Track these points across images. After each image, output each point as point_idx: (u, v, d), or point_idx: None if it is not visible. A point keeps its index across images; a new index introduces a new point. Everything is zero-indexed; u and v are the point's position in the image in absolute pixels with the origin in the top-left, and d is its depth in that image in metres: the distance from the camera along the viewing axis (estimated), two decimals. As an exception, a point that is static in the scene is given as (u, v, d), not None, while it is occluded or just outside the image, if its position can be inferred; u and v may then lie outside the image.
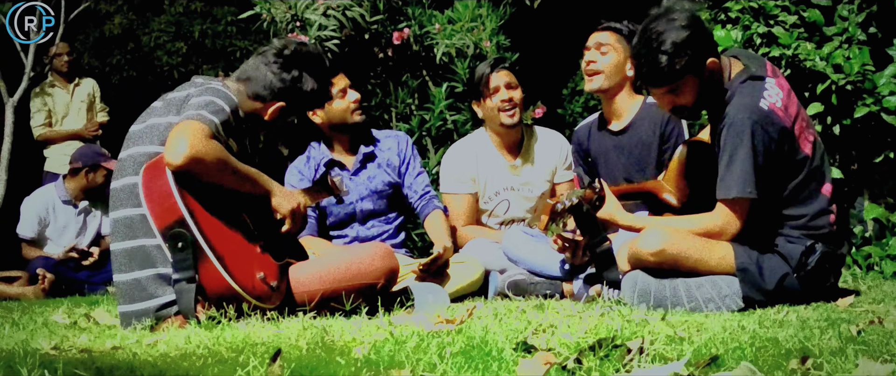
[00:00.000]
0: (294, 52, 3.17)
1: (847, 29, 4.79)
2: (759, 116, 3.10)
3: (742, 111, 3.12)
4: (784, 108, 3.16)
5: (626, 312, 2.71)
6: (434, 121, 5.76)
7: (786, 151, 3.15)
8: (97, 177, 6.12)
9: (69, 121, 7.02)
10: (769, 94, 3.15)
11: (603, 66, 4.13)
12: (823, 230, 3.20)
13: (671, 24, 3.17)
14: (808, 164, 3.20)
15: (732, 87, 3.21)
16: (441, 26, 5.78)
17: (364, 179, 4.42)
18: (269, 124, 3.19)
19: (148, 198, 2.71)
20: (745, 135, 3.08)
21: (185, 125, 2.74)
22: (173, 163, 2.68)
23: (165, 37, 10.86)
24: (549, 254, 3.98)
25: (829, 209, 3.23)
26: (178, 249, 2.67)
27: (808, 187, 3.21)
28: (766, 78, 3.21)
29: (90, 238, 6.23)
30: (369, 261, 3.14)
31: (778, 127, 3.12)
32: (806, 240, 3.17)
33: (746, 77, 3.22)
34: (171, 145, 2.70)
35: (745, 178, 3.08)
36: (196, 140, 2.69)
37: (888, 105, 4.61)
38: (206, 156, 2.71)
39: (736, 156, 3.10)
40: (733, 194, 3.11)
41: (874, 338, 2.20)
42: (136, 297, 2.83)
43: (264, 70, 3.14)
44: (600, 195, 3.46)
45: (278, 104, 3.14)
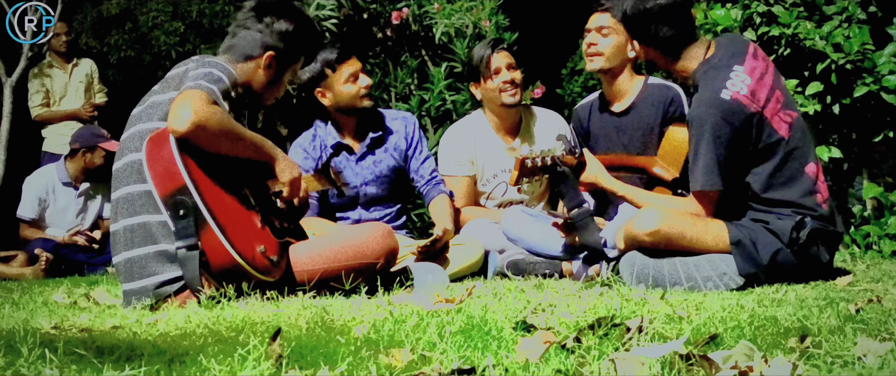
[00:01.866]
0: (262, 3, 3.20)
1: (847, 8, 4.78)
2: (718, 107, 3.14)
3: (701, 105, 3.17)
4: (751, 94, 3.17)
5: (624, 291, 2.72)
6: (433, 101, 5.75)
7: (754, 136, 3.17)
8: (95, 157, 6.12)
9: (67, 102, 7.01)
10: (732, 83, 3.17)
11: (604, 48, 4.12)
12: (811, 211, 3.20)
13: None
14: (784, 145, 3.20)
15: (696, 77, 3.28)
16: (440, 6, 5.76)
17: (369, 164, 4.41)
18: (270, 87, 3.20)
19: (151, 167, 2.72)
20: (706, 129, 3.13)
21: (187, 93, 2.74)
22: (178, 129, 2.68)
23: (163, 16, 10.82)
24: (549, 233, 3.98)
25: (814, 189, 3.23)
26: (180, 217, 2.68)
27: (790, 168, 3.22)
28: (733, 66, 3.21)
29: (90, 220, 6.24)
30: (369, 240, 3.14)
31: (742, 116, 3.14)
32: (795, 216, 3.18)
33: (709, 67, 3.26)
34: (174, 113, 2.70)
35: (709, 172, 3.14)
36: (199, 106, 2.69)
37: (888, 84, 4.60)
38: (209, 121, 2.70)
39: (699, 150, 3.16)
40: (697, 187, 3.19)
41: (872, 317, 2.20)
42: (137, 275, 2.83)
43: (243, 31, 3.17)
44: (581, 161, 3.45)
45: (268, 53, 3.15)
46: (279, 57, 3.18)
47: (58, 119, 6.91)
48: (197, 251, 2.69)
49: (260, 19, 3.18)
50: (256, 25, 3.17)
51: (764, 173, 3.20)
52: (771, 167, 3.20)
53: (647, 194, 3.43)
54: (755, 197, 3.22)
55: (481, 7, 5.71)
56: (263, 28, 3.16)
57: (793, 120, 3.27)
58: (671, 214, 3.23)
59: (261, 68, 3.16)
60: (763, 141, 3.18)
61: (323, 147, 4.38)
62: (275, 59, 3.17)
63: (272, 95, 3.29)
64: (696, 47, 3.34)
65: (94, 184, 6.25)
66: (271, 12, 3.19)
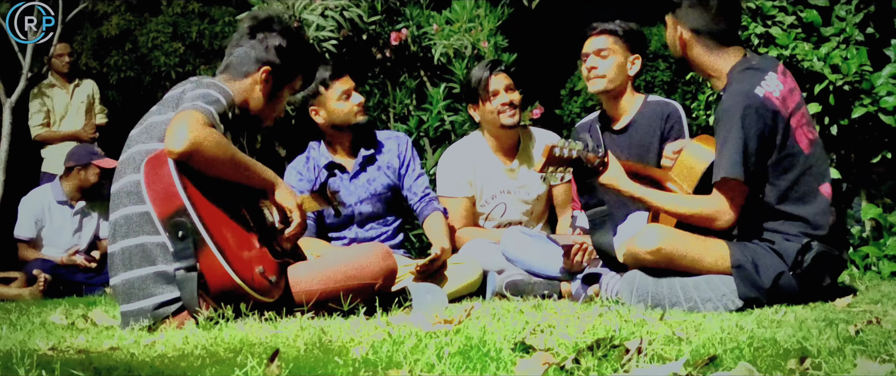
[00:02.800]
0: (256, 21, 3.23)
1: (844, 29, 4.79)
2: (751, 100, 3.13)
3: (735, 96, 3.15)
4: (782, 99, 3.18)
5: (624, 312, 2.71)
6: (432, 121, 5.75)
7: (780, 139, 3.16)
8: (89, 175, 6.12)
9: (68, 122, 7.01)
10: (767, 84, 3.18)
11: (605, 70, 4.15)
12: (821, 230, 3.20)
13: None
14: (804, 160, 3.21)
15: (731, 75, 3.25)
16: (439, 27, 5.78)
17: (363, 182, 4.41)
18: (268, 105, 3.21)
19: (149, 188, 2.71)
20: (737, 118, 3.11)
21: (183, 114, 2.75)
22: (174, 150, 2.68)
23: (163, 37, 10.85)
24: (547, 254, 3.98)
25: (828, 210, 3.24)
26: (178, 238, 2.67)
27: (806, 184, 3.21)
28: (769, 71, 3.23)
29: (87, 239, 6.23)
30: (367, 261, 3.14)
31: (771, 111, 3.14)
32: (803, 238, 3.17)
33: (746, 67, 3.25)
34: (171, 134, 2.70)
35: (734, 160, 3.10)
36: (195, 127, 2.70)
37: (885, 105, 4.61)
38: (206, 142, 2.71)
39: (728, 140, 3.13)
40: (722, 174, 3.13)
41: (872, 338, 2.20)
42: (135, 296, 2.82)
43: (239, 49, 3.20)
44: (603, 161, 3.43)
45: (264, 68, 3.16)
46: (275, 72, 3.18)
47: (58, 139, 6.90)
48: (195, 273, 2.68)
49: (254, 36, 3.20)
50: (251, 42, 3.20)
51: (781, 185, 3.19)
52: (789, 180, 3.19)
53: (664, 196, 3.38)
54: (769, 208, 3.20)
55: (480, 28, 5.72)
56: (258, 44, 3.19)
57: (814, 137, 3.29)
58: (673, 233, 3.23)
59: (258, 84, 3.17)
60: (786, 150, 3.18)
61: (317, 168, 4.39)
62: (271, 75, 3.17)
63: (271, 114, 3.29)
64: (735, 49, 3.35)
65: (90, 202, 6.25)
66: (265, 29, 3.21)
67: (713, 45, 3.32)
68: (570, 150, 3.38)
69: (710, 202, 3.21)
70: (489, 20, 5.77)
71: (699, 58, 3.36)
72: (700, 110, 5.29)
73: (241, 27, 3.27)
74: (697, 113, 5.35)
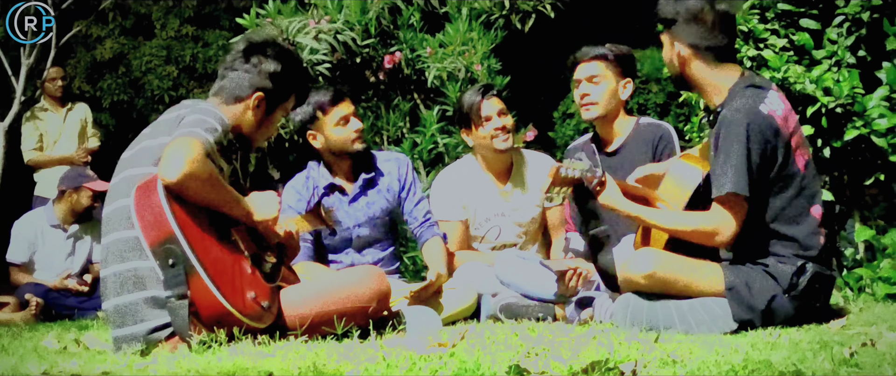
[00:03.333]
0: (250, 45, 3.22)
1: (836, 52, 4.81)
2: (756, 117, 3.13)
3: (739, 111, 3.15)
4: (783, 119, 3.20)
5: (618, 335, 2.71)
6: (425, 144, 5.76)
7: (780, 158, 3.17)
8: (81, 198, 6.10)
9: (61, 146, 6.99)
10: (769, 102, 3.19)
11: (597, 97, 4.16)
12: (813, 251, 3.20)
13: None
14: (800, 180, 3.21)
15: (733, 92, 3.25)
16: (432, 50, 5.79)
17: (362, 205, 4.38)
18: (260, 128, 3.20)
19: (139, 215, 2.70)
20: (740, 133, 3.11)
21: (181, 141, 2.73)
22: (168, 179, 2.67)
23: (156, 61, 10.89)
24: (541, 276, 3.98)
25: (819, 231, 3.24)
26: (169, 266, 2.66)
27: (799, 205, 3.22)
28: (770, 90, 3.24)
29: (80, 263, 6.20)
30: (361, 284, 3.13)
31: (774, 128, 3.15)
32: (797, 260, 3.17)
33: (749, 84, 3.26)
34: (166, 161, 2.69)
35: (739, 175, 3.09)
36: (192, 157, 2.69)
37: (878, 128, 4.62)
38: (201, 173, 2.70)
39: (730, 154, 3.11)
40: (726, 189, 3.11)
41: (867, 361, 2.20)
42: (127, 321, 2.81)
43: (232, 73, 3.18)
44: (601, 180, 3.43)
45: (257, 94, 3.15)
46: (268, 97, 3.18)
47: (51, 164, 6.89)
48: (186, 300, 2.67)
49: (247, 60, 3.18)
50: (244, 66, 3.18)
51: (776, 205, 3.19)
52: (783, 200, 3.20)
53: (663, 214, 3.36)
54: (761, 228, 3.20)
55: (473, 51, 5.73)
56: (251, 68, 3.17)
57: (809, 158, 3.30)
58: (667, 257, 3.23)
59: (250, 109, 3.16)
60: (783, 170, 3.18)
61: (315, 188, 4.37)
62: (264, 100, 3.17)
63: (263, 137, 3.29)
64: (733, 66, 3.35)
65: (82, 226, 6.23)
66: (259, 53, 3.19)
67: (711, 61, 3.32)
68: (574, 170, 3.39)
69: (710, 217, 3.19)
70: (482, 43, 5.79)
71: (697, 74, 3.36)
72: (693, 132, 5.29)
73: (235, 49, 3.26)
74: (691, 135, 5.35)
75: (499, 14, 5.98)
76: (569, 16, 6.29)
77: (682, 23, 3.33)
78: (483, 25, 5.92)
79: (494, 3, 5.96)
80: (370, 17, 5.78)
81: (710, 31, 3.30)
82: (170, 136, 2.85)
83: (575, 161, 3.44)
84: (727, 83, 3.30)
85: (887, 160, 4.68)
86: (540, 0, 5.98)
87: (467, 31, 5.84)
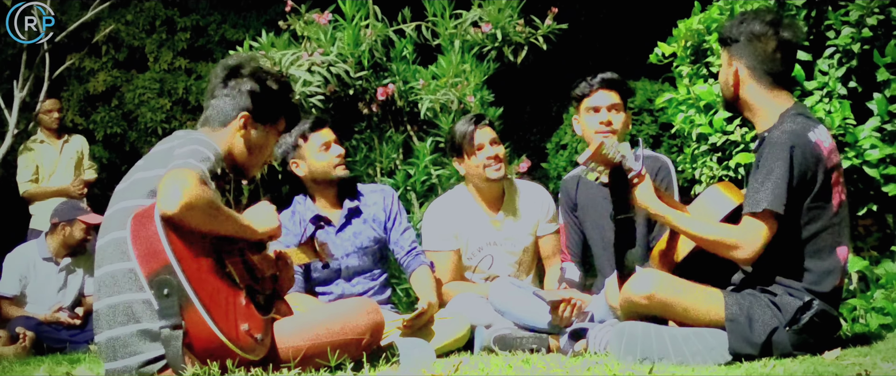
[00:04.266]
0: (227, 70, 3.22)
1: (827, 83, 4.82)
2: (802, 140, 3.14)
3: (786, 133, 3.16)
4: (828, 151, 3.21)
5: (613, 366, 2.70)
6: (419, 175, 5.76)
7: (818, 188, 3.17)
8: (75, 231, 6.09)
9: (57, 178, 6.98)
10: (818, 132, 3.21)
11: (618, 126, 4.18)
12: (825, 288, 3.19)
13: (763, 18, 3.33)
14: (830, 217, 3.21)
15: (784, 117, 3.26)
16: (425, 82, 5.81)
17: (349, 235, 4.40)
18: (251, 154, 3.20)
19: (135, 245, 2.70)
20: (785, 153, 3.11)
21: (175, 173, 2.73)
22: (168, 211, 2.66)
23: (149, 94, 10.91)
24: (536, 305, 3.97)
25: (838, 272, 3.23)
26: (164, 296, 2.65)
27: (825, 241, 3.21)
28: (820, 125, 3.27)
29: (72, 297, 6.18)
30: (354, 316, 3.12)
31: (817, 156, 3.16)
32: (805, 294, 3.16)
33: (800, 112, 3.28)
34: (163, 194, 2.68)
35: (778, 194, 3.08)
36: (189, 187, 2.68)
37: (870, 158, 4.63)
38: (199, 202, 2.70)
39: (772, 173, 3.11)
40: (763, 206, 3.09)
41: (862, 391, 2.19)
42: (120, 354, 2.80)
43: (214, 100, 3.19)
44: (639, 174, 3.41)
45: (242, 115, 3.14)
46: (254, 115, 3.17)
47: (47, 196, 6.86)
48: (181, 331, 2.66)
49: (226, 85, 3.19)
50: (224, 91, 3.19)
51: (803, 235, 3.18)
52: (811, 231, 3.19)
53: (689, 219, 3.33)
54: (783, 255, 3.18)
55: (466, 83, 5.75)
56: (231, 91, 3.17)
57: (843, 199, 3.29)
58: (668, 279, 3.22)
59: (238, 131, 3.15)
60: (818, 202, 3.18)
61: (303, 221, 4.37)
62: (249, 119, 3.16)
63: (256, 163, 3.26)
64: (786, 94, 3.36)
65: (75, 259, 6.21)
66: (235, 76, 3.20)
67: (767, 84, 3.32)
68: (617, 152, 3.37)
69: (737, 231, 3.17)
70: (475, 75, 5.80)
71: (750, 96, 3.34)
72: (686, 163, 5.31)
73: (214, 76, 3.25)
74: (683, 166, 5.37)
75: (491, 46, 6.00)
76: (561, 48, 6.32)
77: (744, 43, 3.33)
78: (476, 57, 5.94)
79: (487, 36, 5.98)
80: (363, 50, 5.79)
81: (770, 55, 3.30)
82: (164, 168, 2.84)
83: (620, 144, 3.44)
84: (778, 110, 3.30)
85: (879, 190, 4.69)
86: (532, 32, 6.01)
87: (460, 62, 5.86)
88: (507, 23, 5.97)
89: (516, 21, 5.99)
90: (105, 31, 9.66)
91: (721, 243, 3.19)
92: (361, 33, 5.83)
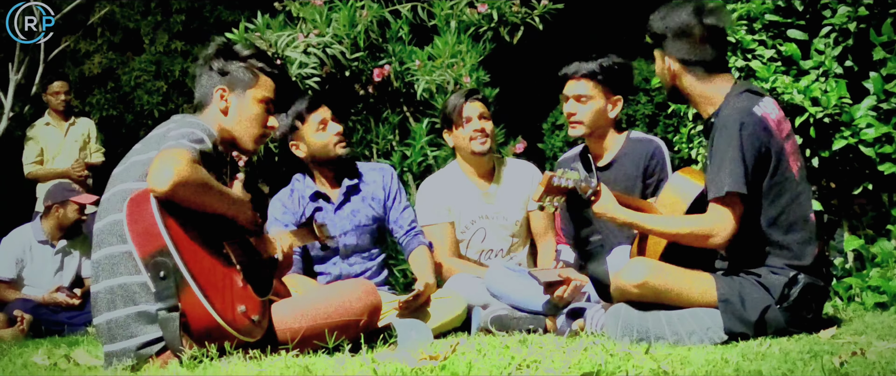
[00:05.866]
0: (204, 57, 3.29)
1: (823, 62, 4.83)
2: (749, 117, 3.15)
3: (733, 113, 3.17)
4: (777, 122, 3.22)
5: (609, 346, 2.71)
6: (415, 156, 5.76)
7: (774, 162, 3.18)
8: (68, 212, 6.09)
9: (61, 160, 6.95)
10: (764, 106, 3.22)
11: (584, 116, 4.11)
12: (806, 260, 3.21)
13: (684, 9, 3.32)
14: (794, 187, 3.22)
15: (728, 98, 3.27)
16: (421, 63, 5.80)
17: (347, 213, 4.40)
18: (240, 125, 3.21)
19: (131, 227, 2.70)
20: (735, 134, 3.13)
21: (167, 152, 2.74)
22: (158, 189, 2.67)
23: (145, 76, 10.89)
24: (531, 288, 3.98)
25: (813, 240, 3.25)
26: (160, 278, 2.66)
27: (794, 213, 3.22)
28: (765, 97, 3.27)
29: (69, 278, 6.19)
30: (352, 297, 3.13)
31: (769, 135, 3.17)
32: (789, 271, 3.18)
33: (744, 90, 3.29)
34: (155, 172, 2.69)
35: (736, 175, 3.10)
36: (180, 165, 2.69)
37: (866, 137, 4.64)
38: (190, 180, 2.70)
39: (726, 155, 3.13)
40: (725, 189, 3.11)
41: (857, 370, 2.20)
42: (118, 336, 2.81)
43: (198, 86, 3.27)
44: (596, 190, 3.43)
45: (218, 88, 3.20)
46: (228, 87, 3.20)
47: (49, 177, 6.84)
48: (177, 312, 2.66)
49: (205, 68, 3.26)
50: (202, 78, 3.26)
51: (771, 212, 3.20)
52: (779, 207, 3.20)
53: (656, 219, 3.37)
54: (756, 236, 3.21)
55: (462, 64, 5.74)
56: (208, 72, 3.24)
57: (801, 166, 3.31)
58: (660, 266, 3.23)
59: (218, 105, 3.19)
60: (778, 175, 3.19)
61: (302, 199, 4.38)
62: (225, 92, 3.19)
63: (246, 133, 3.22)
64: (725, 76, 3.37)
65: (71, 241, 6.21)
66: (211, 59, 3.26)
67: (702, 74, 3.33)
68: (567, 180, 3.39)
69: (706, 219, 3.20)
70: (471, 56, 5.80)
71: (690, 88, 3.37)
72: (682, 143, 5.31)
73: (197, 70, 3.33)
74: (680, 146, 5.37)
75: (487, 26, 5.99)
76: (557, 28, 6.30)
77: (672, 39, 3.34)
78: (471, 38, 5.93)
79: (483, 16, 5.97)
80: (359, 31, 5.78)
81: (699, 45, 3.31)
82: (159, 150, 2.85)
83: (569, 170, 3.45)
84: (721, 93, 3.31)
85: (875, 169, 4.70)
86: (528, 12, 6.00)
87: (456, 43, 5.85)
88: (503, 3, 5.97)
89: (512, 1, 5.98)
90: (100, 13, 9.63)
91: (694, 235, 3.22)
92: (357, 14, 5.82)
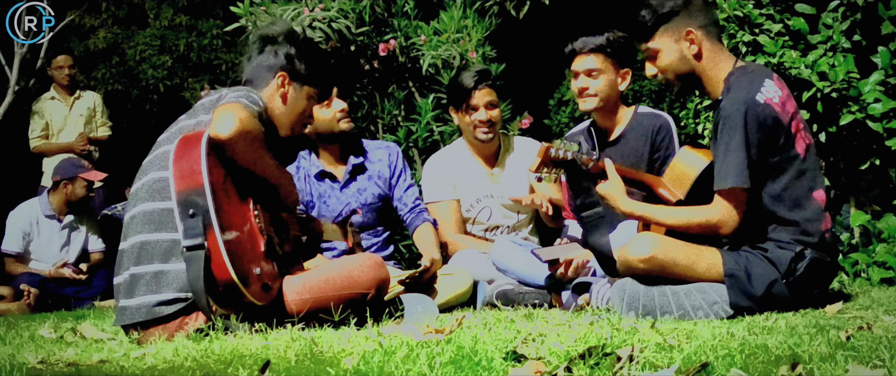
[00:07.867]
0: (263, 37, 3.34)
1: (831, 37, 4.81)
2: (753, 106, 3.13)
3: (736, 103, 3.15)
4: (781, 104, 3.20)
5: (615, 320, 2.71)
6: (421, 132, 5.76)
7: (780, 143, 3.17)
8: (76, 188, 6.10)
9: (66, 135, 6.94)
10: (766, 90, 3.19)
11: (596, 90, 4.13)
12: (814, 237, 3.20)
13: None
14: (799, 163, 3.21)
15: (729, 81, 3.25)
16: (427, 38, 5.78)
17: (353, 191, 4.41)
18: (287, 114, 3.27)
19: (176, 160, 2.78)
20: (739, 125, 3.11)
21: (229, 106, 2.84)
22: (221, 135, 2.77)
23: (150, 50, 10.86)
24: (536, 264, 3.98)
25: (821, 216, 3.24)
26: (189, 216, 2.70)
27: (800, 188, 3.21)
28: (766, 78, 3.24)
29: (75, 253, 6.21)
30: (359, 271, 3.13)
31: (773, 120, 3.15)
32: (796, 246, 3.17)
33: (743, 72, 3.27)
34: (218, 120, 2.78)
35: (740, 168, 3.10)
36: (245, 116, 2.81)
37: (873, 112, 4.62)
38: (252, 132, 2.83)
39: (730, 147, 3.12)
40: (729, 184, 3.12)
41: (863, 344, 2.20)
42: (137, 291, 2.82)
43: (253, 64, 3.29)
44: (598, 164, 3.41)
45: (280, 73, 3.24)
46: (290, 76, 3.26)
47: (54, 151, 6.84)
48: (202, 251, 2.67)
49: (262, 50, 3.30)
50: (260, 57, 3.29)
51: (775, 188, 3.19)
52: (783, 183, 3.20)
53: (665, 211, 3.35)
54: (762, 212, 3.20)
55: (468, 39, 5.72)
56: (269, 56, 3.28)
57: (810, 143, 3.30)
58: (666, 241, 3.22)
59: (277, 89, 3.25)
60: (783, 154, 3.19)
61: (307, 177, 4.38)
62: (287, 78, 3.25)
63: (290, 123, 3.31)
64: (727, 55, 3.36)
65: (78, 217, 6.22)
66: (272, 43, 3.30)
67: (716, 40, 3.34)
68: (566, 151, 3.38)
69: (713, 211, 3.19)
70: (477, 30, 5.77)
71: (708, 58, 3.32)
72: (689, 119, 5.30)
73: (251, 46, 3.37)
74: (686, 122, 5.36)
75: (493, 1, 5.97)
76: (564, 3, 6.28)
77: (685, 9, 3.31)
78: (477, 13, 5.90)
79: (489, -10, 5.96)
80: (364, 5, 5.76)
81: (710, 10, 3.32)
82: (208, 115, 2.94)
83: (568, 142, 3.43)
84: (723, 72, 3.30)
85: (883, 145, 4.69)
86: (535, -14, 5.97)
87: (462, 18, 5.82)
88: (510, -23, 5.94)
89: (519, -25, 5.96)
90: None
91: (703, 226, 3.22)
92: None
